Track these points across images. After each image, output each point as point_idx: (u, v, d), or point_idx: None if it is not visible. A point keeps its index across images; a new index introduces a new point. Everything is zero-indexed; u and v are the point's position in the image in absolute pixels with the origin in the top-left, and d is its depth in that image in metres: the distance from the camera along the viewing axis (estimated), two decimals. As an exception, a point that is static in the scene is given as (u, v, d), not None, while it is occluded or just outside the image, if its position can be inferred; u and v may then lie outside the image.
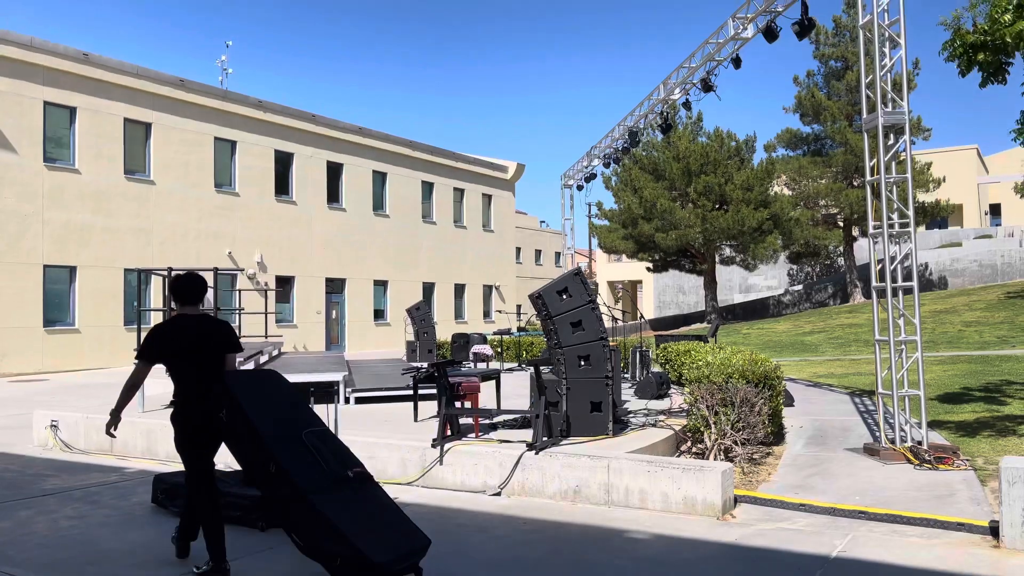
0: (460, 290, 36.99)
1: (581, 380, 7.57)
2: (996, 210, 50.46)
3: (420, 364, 14.00)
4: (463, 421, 8.40)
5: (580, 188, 24.69)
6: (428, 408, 9.44)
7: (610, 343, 7.88)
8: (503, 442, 7.36)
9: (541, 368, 7.83)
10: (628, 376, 13.65)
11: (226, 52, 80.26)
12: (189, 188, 25.05)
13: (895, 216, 8.58)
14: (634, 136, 19.80)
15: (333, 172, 30.41)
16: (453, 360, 11.46)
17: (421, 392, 9.40)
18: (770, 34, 13.21)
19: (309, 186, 29.32)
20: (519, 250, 52.53)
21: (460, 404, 8.09)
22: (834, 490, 6.91)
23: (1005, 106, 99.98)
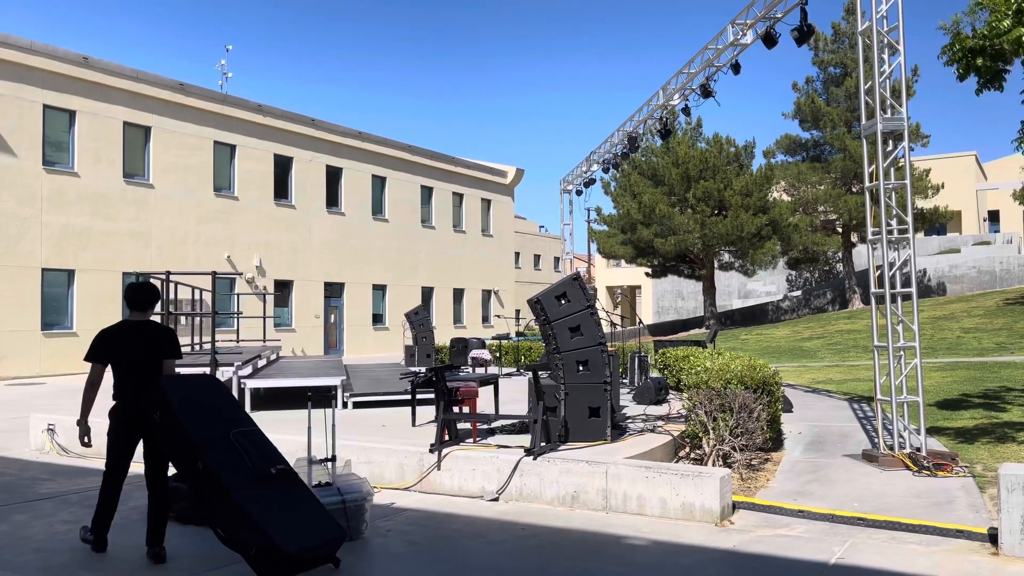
0: (459, 295, 36.98)
1: (579, 385, 7.55)
2: (995, 217, 50.52)
3: (418, 369, 13.99)
4: (461, 426, 8.39)
5: (579, 193, 24.73)
6: (426, 413, 9.41)
7: (608, 348, 7.87)
8: (501, 447, 7.34)
9: (539, 373, 7.81)
10: (627, 381, 13.64)
11: (226, 56, 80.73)
12: (188, 192, 25.04)
13: (894, 222, 8.58)
14: (633, 141, 19.84)
15: (332, 176, 30.42)
16: (451, 365, 11.43)
17: (419, 397, 9.38)
18: (769, 40, 13.24)
19: (308, 190, 29.31)
20: (518, 255, 52.52)
21: (458, 409, 8.08)
22: (833, 496, 6.89)
23: (1004, 113, 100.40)
